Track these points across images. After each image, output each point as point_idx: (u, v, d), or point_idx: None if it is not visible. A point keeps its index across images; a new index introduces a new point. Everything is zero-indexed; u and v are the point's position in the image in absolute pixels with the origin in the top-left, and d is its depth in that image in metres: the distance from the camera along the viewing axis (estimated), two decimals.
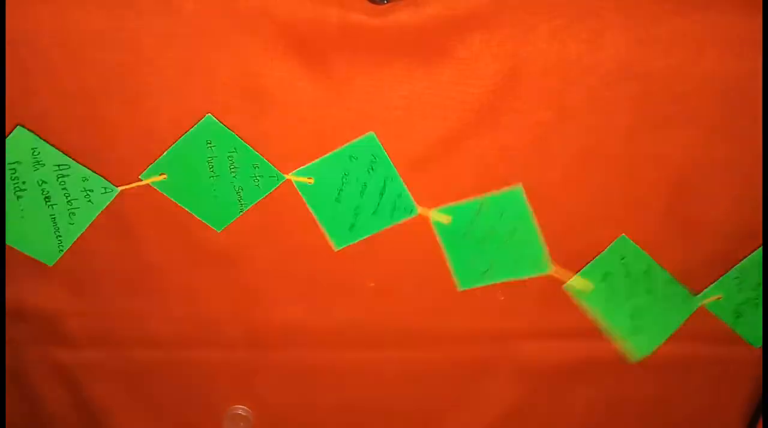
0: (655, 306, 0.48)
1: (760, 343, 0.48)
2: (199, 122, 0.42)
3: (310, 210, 0.46)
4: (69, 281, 0.48)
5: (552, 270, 0.47)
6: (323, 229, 0.47)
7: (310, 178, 0.45)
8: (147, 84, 0.41)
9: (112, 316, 0.50)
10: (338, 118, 0.43)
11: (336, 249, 0.47)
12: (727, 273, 0.46)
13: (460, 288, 0.48)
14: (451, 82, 0.42)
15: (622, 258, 0.46)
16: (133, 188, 0.44)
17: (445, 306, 0.51)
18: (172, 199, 0.45)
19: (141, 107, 0.41)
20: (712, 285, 0.47)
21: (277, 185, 0.45)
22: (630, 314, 0.48)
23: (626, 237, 0.46)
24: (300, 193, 0.45)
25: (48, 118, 0.42)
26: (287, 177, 0.44)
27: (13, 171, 0.42)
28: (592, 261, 0.47)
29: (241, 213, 0.46)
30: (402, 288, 0.49)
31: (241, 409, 0.55)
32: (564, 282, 0.48)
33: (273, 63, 0.40)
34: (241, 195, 0.45)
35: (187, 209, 0.45)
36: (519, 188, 0.44)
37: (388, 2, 0.40)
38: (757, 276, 0.46)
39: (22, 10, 0.38)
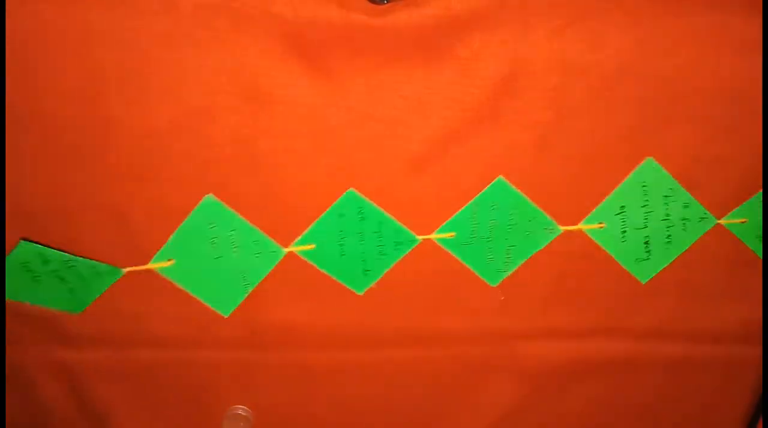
0: (670, 230, 0.46)
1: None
2: (200, 203, 0.43)
3: (321, 270, 0.47)
4: None
5: (563, 229, 0.47)
6: (340, 282, 0.48)
7: (310, 245, 0.46)
8: (147, 84, 0.41)
9: (113, 316, 0.50)
10: (338, 118, 0.43)
11: (360, 294, 0.48)
12: (753, 198, 0.45)
13: (492, 285, 0.49)
14: (451, 82, 0.42)
15: (644, 185, 0.45)
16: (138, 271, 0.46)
17: (445, 306, 0.51)
18: (179, 285, 0.46)
19: (141, 107, 0.41)
20: (737, 209, 0.45)
21: (279, 260, 0.46)
22: (642, 242, 0.47)
23: (653, 160, 0.44)
24: (305, 259, 0.46)
25: (48, 118, 0.42)
26: (288, 250, 0.46)
27: (26, 268, 0.44)
28: (608, 197, 0.46)
29: (246, 294, 0.47)
30: (402, 288, 0.49)
31: (241, 409, 0.55)
32: (582, 231, 0.47)
33: (273, 63, 0.41)
34: (246, 275, 0.46)
35: (194, 294, 0.47)
36: (499, 178, 0.44)
37: (388, 2, 0.40)
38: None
39: (22, 10, 0.38)
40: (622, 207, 0.45)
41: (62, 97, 0.41)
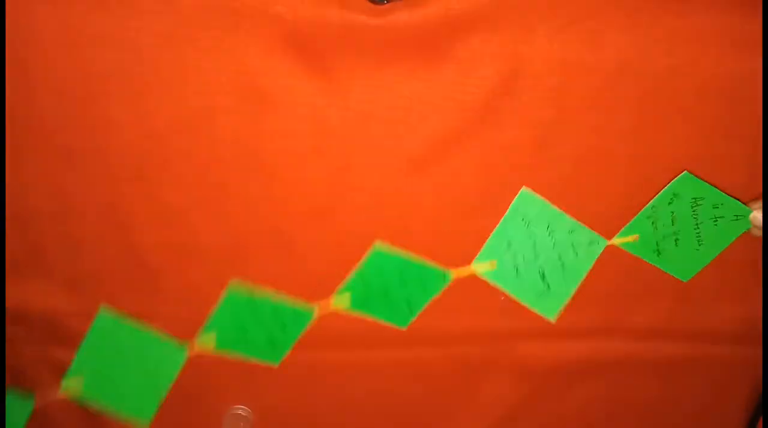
0: (563, 258, 0.46)
1: (687, 277, 0.47)
2: (96, 318, 0.44)
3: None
4: (69, 281, 0.48)
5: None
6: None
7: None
8: (146, 84, 0.41)
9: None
10: (338, 117, 0.43)
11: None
12: (638, 215, 0.45)
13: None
14: (451, 82, 0.42)
15: (524, 218, 0.44)
16: None
17: (445, 306, 0.50)
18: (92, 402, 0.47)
19: (140, 107, 0.41)
20: (625, 228, 0.45)
21: None
22: (538, 274, 0.46)
23: (527, 191, 0.44)
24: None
25: (47, 119, 0.42)
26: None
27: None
28: (492, 235, 0.45)
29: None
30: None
31: (240, 409, 0.55)
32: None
33: (272, 63, 0.41)
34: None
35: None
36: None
37: (388, 2, 0.40)
38: (669, 214, 0.45)
39: (21, 10, 0.38)
40: (509, 243, 0.45)
41: (60, 97, 0.41)
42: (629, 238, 0.45)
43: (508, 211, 0.44)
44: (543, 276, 0.46)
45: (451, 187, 0.46)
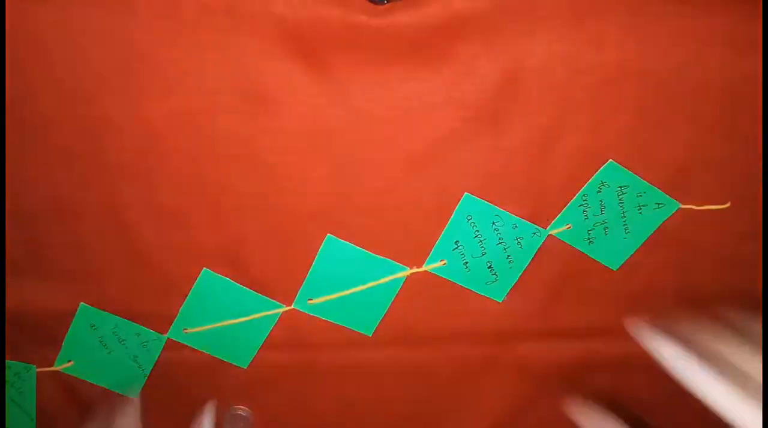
0: (508, 251, 0.48)
1: (616, 266, 0.48)
2: (77, 313, 0.47)
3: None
4: (69, 281, 0.48)
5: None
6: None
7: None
8: (145, 83, 0.41)
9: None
10: (338, 118, 0.43)
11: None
12: (571, 202, 0.46)
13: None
14: (451, 82, 0.42)
15: (468, 218, 0.47)
16: None
17: (444, 306, 0.51)
18: (84, 379, 0.51)
19: (140, 106, 0.41)
20: (557, 218, 0.47)
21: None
22: (486, 267, 0.49)
23: (470, 195, 0.46)
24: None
25: (47, 118, 0.42)
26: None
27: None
28: (440, 237, 0.47)
29: (145, 377, 0.51)
30: (402, 289, 0.49)
31: (240, 409, 0.55)
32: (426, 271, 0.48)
33: (273, 63, 0.41)
34: (138, 361, 0.50)
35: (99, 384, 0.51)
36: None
37: (388, 2, 0.40)
38: (597, 203, 0.46)
39: (21, 10, 0.38)
40: (456, 242, 0.47)
41: (59, 96, 0.41)
42: (564, 228, 0.46)
43: (453, 215, 0.46)
44: (491, 269, 0.48)
45: (450, 186, 0.46)
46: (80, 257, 0.47)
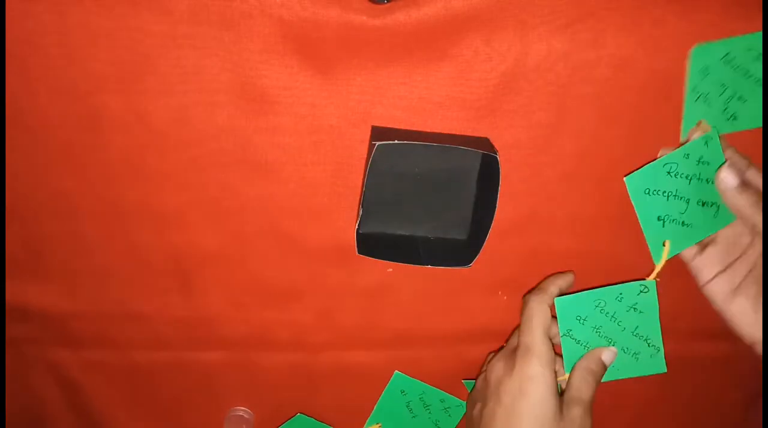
0: None
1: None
2: (391, 380, 0.51)
3: None
4: (69, 281, 0.48)
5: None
6: None
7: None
8: (146, 84, 0.41)
9: (113, 317, 0.50)
10: (338, 117, 0.43)
11: None
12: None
13: None
14: (451, 82, 0.42)
15: None
16: None
17: (444, 306, 0.51)
18: None
19: (139, 107, 0.41)
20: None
21: None
22: None
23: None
24: None
25: (47, 118, 0.42)
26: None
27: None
28: None
29: None
30: (402, 289, 0.49)
31: (242, 411, 0.55)
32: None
33: (272, 63, 0.40)
34: (439, 426, 0.54)
35: None
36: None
37: (388, 2, 0.39)
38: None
39: (21, 10, 0.38)
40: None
41: (59, 97, 0.41)
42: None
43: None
44: None
45: None
46: (80, 258, 0.47)
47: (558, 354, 0.45)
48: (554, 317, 0.45)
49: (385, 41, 0.40)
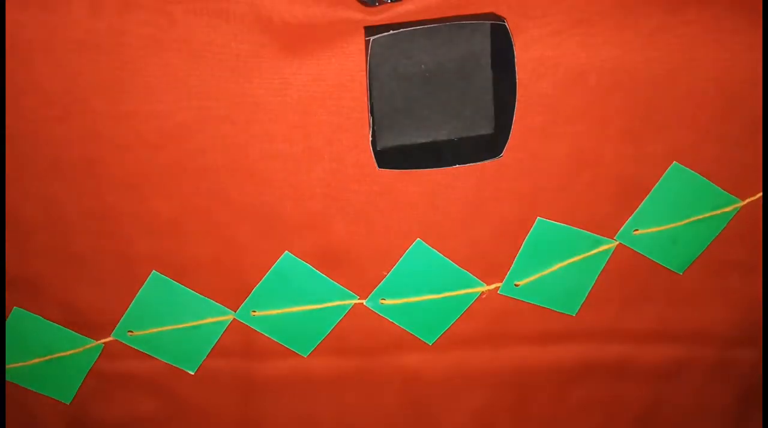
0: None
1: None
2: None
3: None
4: (60, 290, 0.48)
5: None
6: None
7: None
8: (136, 90, 0.40)
9: (104, 326, 0.49)
10: (334, 120, 0.42)
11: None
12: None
13: None
14: None
15: None
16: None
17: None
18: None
19: (129, 114, 0.41)
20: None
21: None
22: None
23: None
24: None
25: (35, 127, 0.41)
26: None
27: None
28: None
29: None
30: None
31: None
32: None
33: (264, 67, 0.40)
34: None
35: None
36: None
37: (380, 4, 0.39)
38: None
39: (9, 16, 0.38)
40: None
41: (49, 104, 0.41)
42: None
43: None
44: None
45: (446, 189, 0.45)
46: (72, 268, 0.47)
47: None
48: None
49: None
